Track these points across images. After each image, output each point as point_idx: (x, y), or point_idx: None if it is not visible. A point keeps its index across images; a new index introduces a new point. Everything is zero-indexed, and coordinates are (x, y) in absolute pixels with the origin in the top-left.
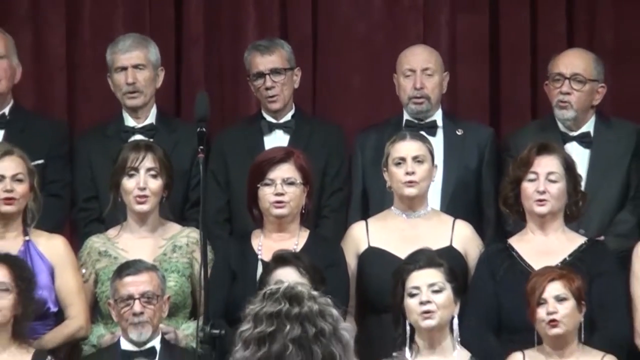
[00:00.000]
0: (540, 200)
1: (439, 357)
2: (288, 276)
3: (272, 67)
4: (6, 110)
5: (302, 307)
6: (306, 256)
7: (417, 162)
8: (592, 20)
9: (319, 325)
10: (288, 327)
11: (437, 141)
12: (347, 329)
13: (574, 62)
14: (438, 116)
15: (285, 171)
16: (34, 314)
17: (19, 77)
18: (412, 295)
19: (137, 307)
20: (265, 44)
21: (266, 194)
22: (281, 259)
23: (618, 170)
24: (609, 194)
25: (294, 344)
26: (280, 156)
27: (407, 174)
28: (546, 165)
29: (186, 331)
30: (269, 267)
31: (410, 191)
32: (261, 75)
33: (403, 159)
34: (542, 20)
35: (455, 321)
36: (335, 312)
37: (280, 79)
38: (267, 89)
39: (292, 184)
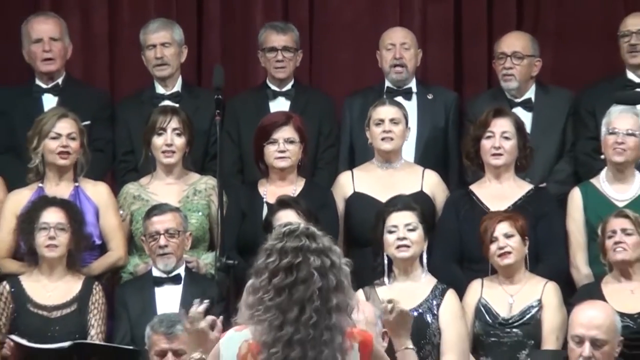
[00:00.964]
0: (496, 154)
1: (411, 283)
2: (288, 217)
3: (284, 45)
4: (60, 81)
5: (318, 243)
6: (302, 200)
7: (394, 124)
8: (537, 5)
9: (332, 258)
10: (311, 258)
11: (412, 104)
12: (347, 263)
13: (514, 42)
14: (413, 84)
15: (286, 132)
16: (83, 247)
17: (69, 54)
18: (390, 232)
19: (162, 241)
20: (281, 25)
21: (271, 150)
22: (282, 202)
23: (556, 129)
24: (549, 149)
25: (317, 272)
26: (282, 120)
27: (385, 132)
28: (501, 125)
29: (205, 260)
30: (273, 209)
31: (386, 146)
32: (274, 50)
33: (382, 120)
34: (496, 7)
35: (425, 254)
36: (337, 248)
37: (289, 55)
38: (277, 61)
39: (292, 142)
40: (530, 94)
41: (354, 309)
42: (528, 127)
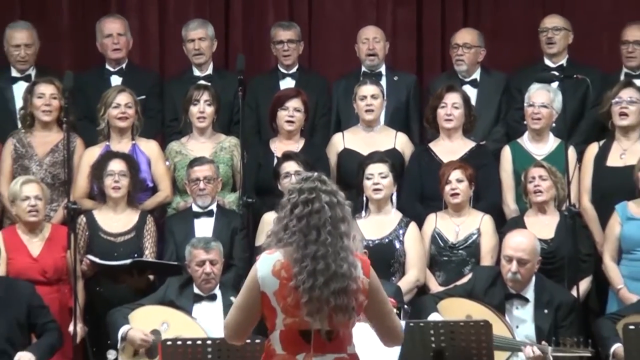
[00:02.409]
0: (448, 120)
1: (383, 216)
2: (291, 167)
3: (290, 38)
4: (123, 66)
5: (327, 186)
6: (302, 154)
7: (373, 98)
8: (478, 8)
9: (337, 198)
10: (322, 196)
11: (382, 83)
12: (349, 204)
13: (465, 36)
14: (382, 69)
15: (295, 102)
16: (139, 189)
17: (131, 46)
18: (368, 179)
19: (201, 185)
20: (287, 24)
21: (282, 115)
22: (287, 156)
23: (493, 102)
24: (488, 116)
25: (327, 205)
26: (294, 93)
27: (367, 105)
28: (452, 98)
29: (230, 199)
30: (280, 161)
31: (369, 117)
32: (282, 42)
33: (365, 96)
34: (447, 9)
35: (394, 195)
36: (342, 193)
37: (293, 46)
38: (285, 50)
39: (298, 111)
40: (476, 75)
41: (356, 238)
42: (473, 100)
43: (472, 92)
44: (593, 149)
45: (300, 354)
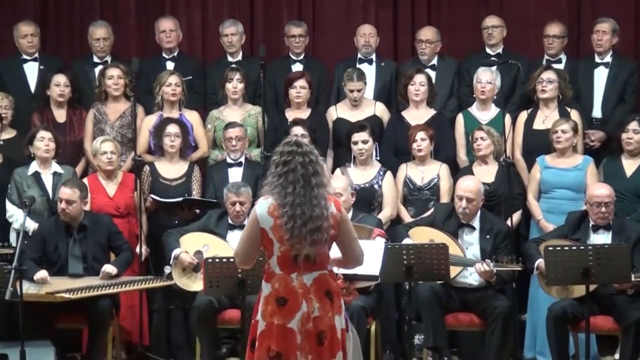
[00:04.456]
0: (416, 94)
1: (367, 167)
2: (299, 130)
3: (299, 33)
4: (175, 54)
5: (302, 148)
6: (307, 120)
7: (357, 91)
8: (438, 10)
9: (310, 157)
10: (297, 157)
11: (372, 67)
12: (324, 161)
13: (427, 33)
14: (373, 56)
15: (301, 82)
16: (187, 147)
17: (180, 39)
18: (354, 144)
19: (233, 142)
20: (297, 22)
21: (292, 92)
22: (296, 122)
23: (449, 81)
24: (444, 92)
25: (300, 165)
26: (299, 75)
27: (354, 96)
28: (419, 78)
29: (255, 153)
30: (290, 125)
31: (355, 103)
32: (293, 36)
33: (352, 90)
34: (416, 10)
35: (376, 151)
36: (316, 151)
37: (302, 39)
38: (296, 43)
39: (304, 88)
40: (435, 61)
41: (330, 185)
42: (433, 80)
43: (432, 74)
44: (523, 115)
45: (294, 273)
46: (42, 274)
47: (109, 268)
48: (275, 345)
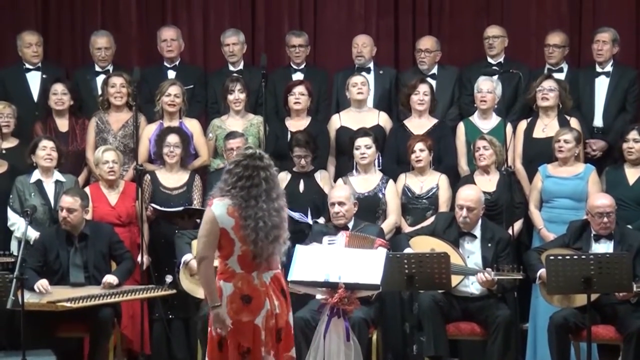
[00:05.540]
0: (421, 104)
1: (369, 176)
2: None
3: (300, 43)
4: (177, 63)
5: (263, 162)
6: (308, 130)
7: (363, 85)
8: (439, 19)
9: (270, 171)
10: (261, 172)
11: (371, 76)
12: (276, 170)
13: (426, 42)
14: (371, 65)
15: (299, 89)
16: (187, 156)
17: (182, 48)
18: (357, 149)
19: (234, 152)
20: (298, 32)
21: (291, 99)
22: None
23: (449, 90)
24: (445, 101)
25: (264, 180)
26: (298, 83)
27: (358, 89)
28: (423, 88)
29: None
30: (291, 134)
31: (360, 97)
32: (294, 46)
33: (356, 83)
34: (417, 19)
35: (378, 160)
36: (273, 164)
37: (302, 49)
38: (296, 53)
39: (302, 94)
40: (435, 70)
41: (283, 196)
42: (434, 89)
43: (432, 83)
44: (523, 124)
45: (254, 272)
46: (42, 282)
47: (110, 278)
48: (245, 341)
